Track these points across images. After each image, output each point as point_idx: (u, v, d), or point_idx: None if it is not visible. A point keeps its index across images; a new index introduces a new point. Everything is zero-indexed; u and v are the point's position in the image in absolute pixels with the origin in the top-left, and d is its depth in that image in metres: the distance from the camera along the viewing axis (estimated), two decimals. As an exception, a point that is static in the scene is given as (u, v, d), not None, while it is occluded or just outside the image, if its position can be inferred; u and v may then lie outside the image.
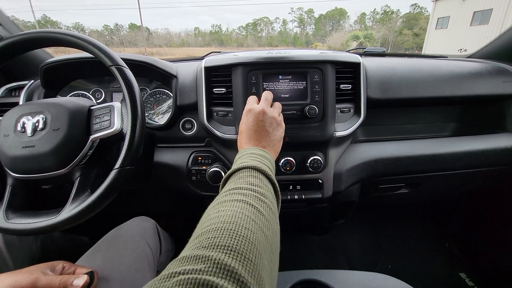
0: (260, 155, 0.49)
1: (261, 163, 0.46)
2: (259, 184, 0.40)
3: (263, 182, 0.42)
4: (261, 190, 0.39)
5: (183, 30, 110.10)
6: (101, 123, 0.57)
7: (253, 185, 0.40)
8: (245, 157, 0.48)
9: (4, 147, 0.53)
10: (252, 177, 0.42)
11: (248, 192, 0.38)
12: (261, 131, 0.55)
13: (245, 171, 0.43)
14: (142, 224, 0.71)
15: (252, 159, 0.46)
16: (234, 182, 0.41)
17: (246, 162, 0.45)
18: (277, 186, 0.45)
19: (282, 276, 0.59)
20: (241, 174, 0.43)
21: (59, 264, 0.52)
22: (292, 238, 1.41)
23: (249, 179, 0.41)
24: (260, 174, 0.43)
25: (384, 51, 1.14)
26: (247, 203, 0.36)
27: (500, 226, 1.17)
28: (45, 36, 0.55)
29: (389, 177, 0.89)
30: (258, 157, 0.48)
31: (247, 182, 0.40)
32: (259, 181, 0.41)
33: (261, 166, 0.44)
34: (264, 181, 0.42)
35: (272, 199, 0.41)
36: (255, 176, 0.42)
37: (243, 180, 0.41)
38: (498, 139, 0.86)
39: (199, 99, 0.73)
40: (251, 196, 0.37)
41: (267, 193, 0.40)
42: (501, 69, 0.90)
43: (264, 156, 0.49)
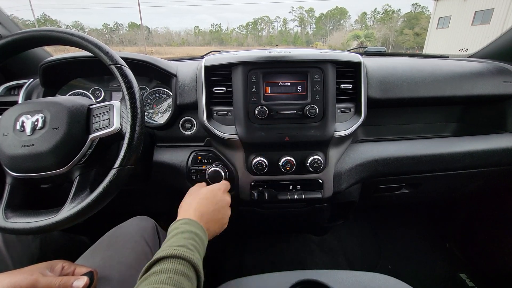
0: (193, 233, 0.49)
1: (189, 249, 0.45)
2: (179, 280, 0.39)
3: (185, 275, 0.41)
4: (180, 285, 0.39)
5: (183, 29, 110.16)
6: (100, 122, 0.57)
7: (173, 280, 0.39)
8: (175, 237, 0.47)
9: (3, 146, 0.53)
10: (174, 273, 0.40)
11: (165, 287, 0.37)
12: (207, 203, 0.58)
13: (169, 261, 0.42)
14: (141, 224, 0.71)
15: (180, 244, 0.45)
16: (155, 276, 0.40)
17: (171, 250, 0.43)
18: (201, 277, 0.44)
19: (282, 276, 0.59)
20: (166, 262, 0.41)
21: (59, 263, 0.51)
22: (292, 238, 1.41)
23: (170, 274, 0.40)
24: (185, 264, 0.42)
25: (385, 51, 1.14)
26: None
27: (501, 227, 1.17)
28: (45, 34, 0.55)
29: (390, 177, 0.89)
30: (189, 235, 0.48)
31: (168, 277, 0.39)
32: (181, 277, 0.40)
33: (188, 255, 0.43)
34: (187, 273, 0.41)
35: None
36: (178, 272, 0.41)
37: (164, 275, 0.39)
38: (499, 139, 0.86)
39: (199, 98, 0.73)
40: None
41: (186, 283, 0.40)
42: (502, 69, 0.90)
43: (198, 234, 0.49)
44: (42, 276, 0.46)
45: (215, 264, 1.25)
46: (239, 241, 1.38)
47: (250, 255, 1.34)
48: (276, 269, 0.61)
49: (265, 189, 0.77)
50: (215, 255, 1.30)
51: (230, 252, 1.33)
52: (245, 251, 1.35)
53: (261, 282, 0.58)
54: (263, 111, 0.68)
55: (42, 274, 0.47)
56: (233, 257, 1.32)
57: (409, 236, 1.46)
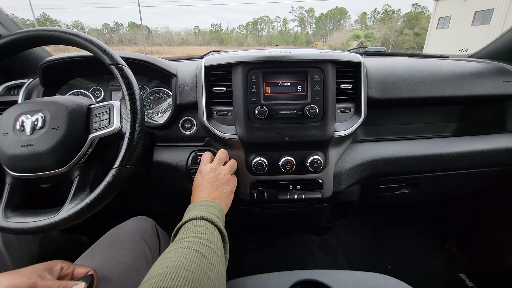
0: (208, 206, 0.54)
1: (209, 212, 0.51)
2: (204, 232, 0.45)
3: (209, 230, 0.46)
4: (205, 237, 0.44)
5: (183, 29, 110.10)
6: (100, 122, 0.57)
7: (198, 233, 0.44)
8: (194, 210, 0.52)
9: (3, 145, 0.53)
10: (199, 226, 0.46)
11: (193, 239, 0.42)
12: (211, 186, 0.61)
13: (192, 222, 0.48)
14: (140, 224, 0.71)
15: (200, 211, 0.51)
16: (181, 234, 0.46)
17: (194, 214, 0.49)
18: (224, 233, 0.49)
19: (282, 276, 0.59)
20: (189, 225, 0.47)
21: (58, 264, 0.51)
22: (292, 238, 1.41)
23: (195, 228, 0.46)
24: (207, 223, 0.48)
25: (385, 51, 1.14)
26: (191, 248, 0.40)
27: (501, 227, 1.17)
28: (44, 34, 0.55)
29: (390, 177, 0.89)
30: (206, 207, 0.53)
31: (194, 231, 0.45)
32: (205, 229, 0.46)
33: (208, 216, 0.49)
34: (210, 229, 0.47)
35: (218, 243, 0.45)
36: (202, 225, 0.47)
37: (190, 230, 0.45)
38: (499, 139, 0.86)
39: (199, 98, 0.73)
40: (195, 243, 0.42)
41: (212, 238, 0.45)
42: (502, 69, 0.90)
43: (213, 206, 0.54)
44: (41, 280, 0.46)
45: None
46: (239, 241, 1.38)
47: (250, 255, 1.34)
48: (275, 269, 0.61)
49: (265, 189, 0.77)
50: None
51: (230, 252, 1.33)
52: (245, 251, 1.35)
53: (260, 282, 0.58)
54: (263, 111, 0.68)
55: (41, 277, 0.46)
56: (233, 257, 1.31)
57: (409, 236, 1.46)
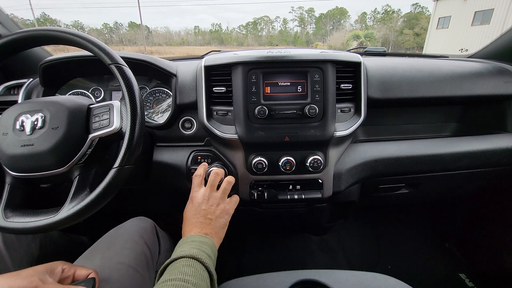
0: (200, 242, 0.52)
1: (200, 250, 0.49)
2: (193, 274, 0.44)
3: (198, 272, 0.45)
4: (193, 280, 0.43)
5: (183, 29, 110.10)
6: (100, 121, 0.56)
7: (186, 275, 0.43)
8: (185, 245, 0.51)
9: (3, 145, 0.53)
10: (187, 267, 0.45)
11: (179, 283, 0.41)
12: (203, 220, 0.58)
13: (181, 261, 0.46)
14: (140, 224, 0.71)
15: (191, 247, 0.50)
16: (168, 273, 0.45)
17: (184, 251, 0.48)
18: (214, 275, 0.48)
19: (282, 276, 0.59)
20: (177, 264, 0.46)
21: (59, 266, 0.51)
22: (292, 238, 1.41)
23: (183, 269, 0.44)
24: (196, 263, 0.46)
25: (384, 51, 1.14)
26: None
27: (500, 227, 1.17)
28: (44, 34, 0.55)
29: (389, 177, 0.89)
30: (198, 243, 0.51)
31: (181, 272, 0.44)
32: (193, 271, 0.44)
33: (199, 255, 0.48)
34: (199, 270, 0.45)
35: (205, 286, 0.44)
36: (190, 265, 0.45)
37: (177, 271, 0.44)
38: (498, 139, 0.86)
39: (199, 98, 0.73)
40: (182, 287, 0.41)
41: (200, 282, 0.43)
42: (502, 69, 0.90)
43: (205, 242, 0.52)
44: (42, 284, 0.45)
45: (214, 264, 1.25)
46: (238, 241, 1.38)
47: (250, 255, 1.34)
48: (275, 269, 0.61)
49: (265, 189, 0.77)
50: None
51: (230, 252, 1.33)
52: (244, 251, 1.35)
53: (260, 282, 0.58)
54: (263, 111, 0.68)
55: (42, 280, 0.46)
56: (233, 257, 1.32)
57: (409, 236, 1.46)
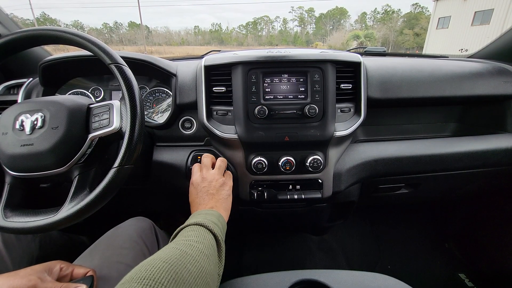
0: (205, 214, 0.55)
1: (205, 219, 0.52)
2: (195, 235, 0.46)
3: (201, 234, 0.47)
4: (195, 239, 0.45)
5: (182, 29, 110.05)
6: (100, 121, 0.56)
7: (189, 236, 0.46)
8: (191, 218, 0.54)
9: (3, 145, 0.53)
10: (191, 231, 0.48)
11: (181, 241, 0.44)
12: (206, 196, 0.62)
13: (186, 228, 0.50)
14: (139, 224, 0.71)
15: (196, 218, 0.52)
16: (173, 240, 0.48)
17: (189, 221, 0.52)
18: (219, 237, 0.50)
19: (281, 276, 0.59)
20: (182, 232, 0.49)
21: (57, 265, 0.51)
22: (292, 238, 1.41)
23: (187, 233, 0.48)
24: (200, 228, 0.49)
25: (384, 51, 1.14)
26: (175, 248, 0.42)
27: (500, 227, 1.17)
28: (44, 33, 0.55)
29: (389, 177, 0.89)
30: (203, 215, 0.54)
31: (184, 236, 0.47)
32: (196, 233, 0.47)
33: (203, 221, 0.50)
34: (202, 233, 0.48)
35: (209, 245, 0.46)
36: (194, 230, 0.48)
37: (182, 236, 0.47)
38: (498, 139, 0.86)
39: (199, 98, 0.73)
40: (182, 244, 0.43)
41: (202, 240, 0.46)
42: (502, 69, 0.90)
43: (210, 213, 0.56)
44: (41, 282, 0.45)
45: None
46: (238, 241, 1.38)
47: (250, 254, 1.34)
48: (275, 269, 0.61)
49: (264, 189, 0.77)
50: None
51: (229, 252, 1.33)
52: (244, 251, 1.35)
53: (260, 282, 0.58)
54: (263, 110, 0.68)
55: (41, 279, 0.46)
56: (232, 257, 1.32)
57: (409, 236, 1.46)
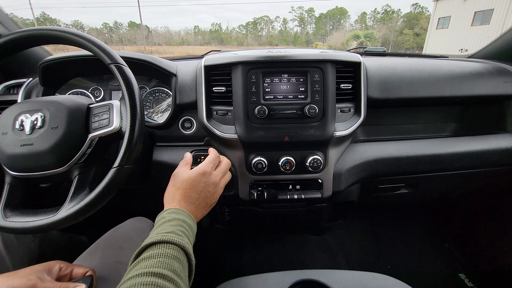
0: (182, 221, 0.49)
1: (179, 236, 0.45)
2: (160, 265, 0.39)
3: (166, 262, 0.40)
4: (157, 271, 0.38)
5: (182, 29, 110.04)
6: (100, 121, 0.56)
7: (151, 267, 0.39)
8: (163, 226, 0.47)
9: (2, 145, 0.53)
10: (156, 257, 0.40)
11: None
12: (194, 195, 0.56)
13: (156, 247, 0.42)
14: (139, 225, 0.71)
15: (163, 228, 0.46)
16: (145, 261, 0.40)
17: (161, 235, 0.44)
18: (192, 259, 0.45)
19: (281, 276, 0.59)
20: (153, 251, 0.42)
21: (56, 265, 0.51)
22: (291, 238, 1.41)
23: (150, 261, 0.40)
24: (166, 248, 0.42)
25: (384, 51, 1.14)
26: None
27: (500, 227, 1.17)
28: (44, 33, 0.55)
29: (389, 177, 0.89)
30: (178, 225, 0.48)
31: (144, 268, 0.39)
32: (161, 262, 0.40)
33: (171, 237, 0.44)
34: (168, 261, 0.41)
35: (182, 273, 0.40)
36: (159, 255, 0.41)
37: (155, 260, 0.40)
38: (498, 139, 0.86)
39: (199, 98, 0.73)
40: None
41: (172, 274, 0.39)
42: (501, 69, 0.90)
43: (188, 223, 0.50)
44: (40, 281, 0.45)
45: (214, 264, 1.25)
46: (238, 240, 1.38)
47: (249, 255, 1.34)
48: (275, 269, 0.61)
49: (264, 189, 0.77)
50: (214, 255, 1.30)
51: (229, 252, 1.33)
52: (244, 251, 1.35)
53: (260, 282, 0.58)
54: (263, 110, 0.68)
55: (40, 278, 0.46)
56: (232, 257, 1.32)
57: (409, 236, 1.46)
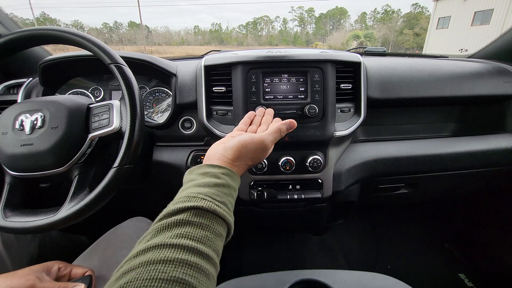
0: (221, 185, 0.38)
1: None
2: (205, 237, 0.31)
3: (210, 229, 0.32)
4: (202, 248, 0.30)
5: (182, 29, 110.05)
6: (100, 121, 0.57)
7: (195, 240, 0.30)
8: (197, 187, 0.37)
9: (2, 145, 0.53)
10: (197, 228, 0.31)
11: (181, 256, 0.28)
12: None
13: (205, 216, 0.33)
14: (138, 225, 0.72)
15: (200, 188, 0.37)
16: (176, 227, 0.31)
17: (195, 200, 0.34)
18: (231, 225, 0.36)
19: (281, 276, 0.59)
20: (184, 215, 0.32)
21: (55, 265, 0.51)
22: (291, 238, 1.41)
23: (190, 229, 0.31)
24: (209, 220, 0.33)
25: (384, 51, 1.14)
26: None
27: (500, 227, 1.17)
28: (44, 33, 0.55)
29: (389, 177, 0.89)
30: (216, 188, 0.37)
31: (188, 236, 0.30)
32: (203, 232, 0.31)
33: (211, 205, 0.34)
34: (212, 227, 0.33)
35: (218, 245, 0.32)
36: (201, 226, 0.32)
37: (184, 229, 0.31)
38: (498, 139, 0.86)
39: (199, 98, 0.73)
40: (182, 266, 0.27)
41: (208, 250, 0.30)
42: (501, 69, 0.90)
43: (227, 184, 0.39)
44: (39, 282, 0.46)
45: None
46: (238, 240, 1.38)
47: (249, 254, 1.34)
48: (275, 269, 0.61)
49: (264, 189, 0.77)
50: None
51: (229, 252, 1.33)
52: (244, 250, 1.35)
53: (260, 282, 0.58)
54: (263, 110, 0.68)
55: (39, 278, 0.46)
56: (232, 257, 1.32)
57: (408, 236, 1.46)
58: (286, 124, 0.52)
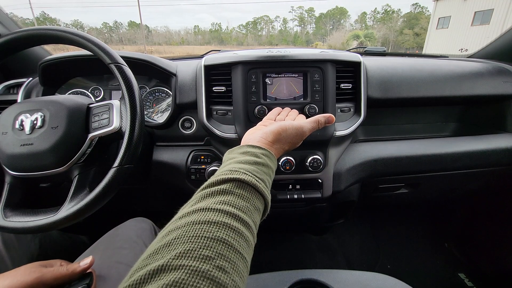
0: (261, 164, 0.39)
1: (257, 175, 0.37)
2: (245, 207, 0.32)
3: (250, 203, 0.34)
4: (241, 215, 0.31)
5: (182, 28, 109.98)
6: (100, 121, 0.57)
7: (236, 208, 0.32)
8: (239, 163, 0.38)
9: (2, 145, 0.53)
10: (239, 198, 0.33)
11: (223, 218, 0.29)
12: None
13: (245, 188, 0.34)
14: (139, 225, 0.71)
15: (238, 164, 0.37)
16: (220, 195, 0.32)
17: (238, 172, 0.35)
18: (269, 202, 0.37)
19: (281, 276, 0.59)
20: (227, 186, 0.34)
21: (56, 263, 0.51)
22: (291, 238, 1.41)
23: (233, 199, 0.32)
24: (249, 193, 0.34)
25: (384, 51, 1.14)
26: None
27: (500, 227, 1.17)
28: (44, 33, 0.55)
29: (389, 177, 0.89)
30: (257, 166, 0.38)
31: (229, 203, 0.31)
32: (246, 203, 0.33)
33: (254, 182, 0.35)
34: (252, 201, 0.34)
35: (256, 218, 0.34)
36: (242, 197, 0.33)
37: (227, 197, 0.32)
38: (498, 139, 0.86)
39: (199, 97, 0.73)
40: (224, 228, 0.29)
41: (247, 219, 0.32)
42: (501, 69, 0.90)
43: (266, 164, 0.40)
44: (46, 270, 0.47)
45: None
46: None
47: (249, 254, 1.34)
48: (275, 269, 0.61)
49: (264, 189, 0.77)
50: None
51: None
52: (244, 250, 1.35)
53: (260, 282, 0.58)
54: (263, 110, 0.68)
55: (42, 268, 0.48)
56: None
57: (408, 235, 1.46)
58: (325, 117, 0.55)
